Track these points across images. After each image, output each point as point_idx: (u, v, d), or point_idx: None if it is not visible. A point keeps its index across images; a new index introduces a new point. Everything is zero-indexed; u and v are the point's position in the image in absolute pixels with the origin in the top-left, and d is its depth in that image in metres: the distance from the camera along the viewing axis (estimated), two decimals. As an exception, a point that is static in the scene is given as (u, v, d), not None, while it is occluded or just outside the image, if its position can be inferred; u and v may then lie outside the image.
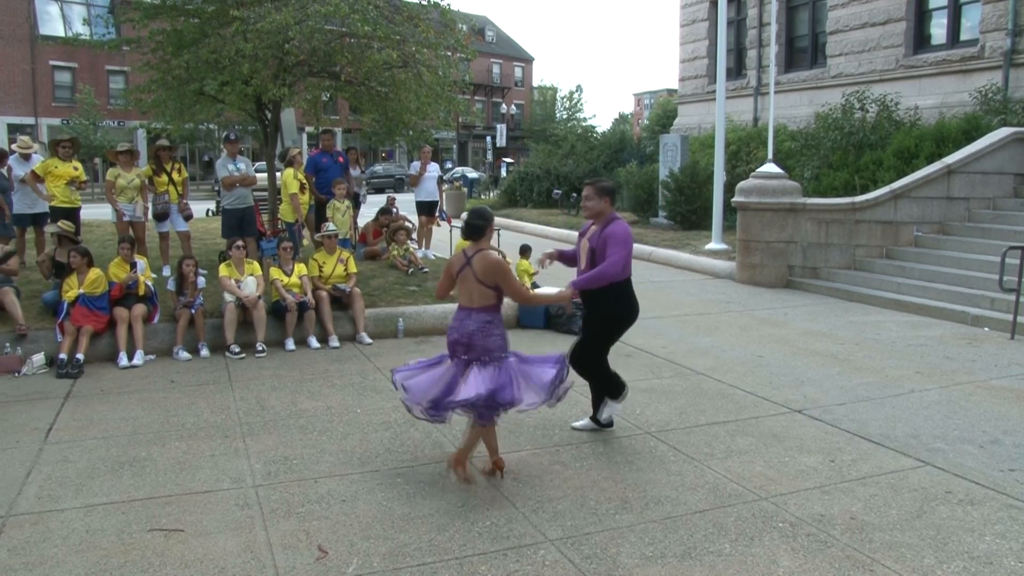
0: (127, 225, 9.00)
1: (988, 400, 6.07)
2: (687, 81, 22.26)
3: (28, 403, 5.99)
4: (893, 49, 15.89)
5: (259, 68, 8.90)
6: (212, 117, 13.08)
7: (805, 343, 7.96)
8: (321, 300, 7.96)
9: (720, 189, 13.48)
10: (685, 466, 4.75)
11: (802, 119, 16.44)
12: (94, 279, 7.21)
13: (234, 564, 3.57)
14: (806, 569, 3.54)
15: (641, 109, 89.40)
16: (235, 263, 7.85)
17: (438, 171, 12.67)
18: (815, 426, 5.49)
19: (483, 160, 53.28)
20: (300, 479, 4.54)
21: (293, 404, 5.96)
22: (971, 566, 3.57)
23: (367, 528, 3.92)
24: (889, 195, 11.03)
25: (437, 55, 10.45)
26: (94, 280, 7.21)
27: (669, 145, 16.90)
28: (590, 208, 5.11)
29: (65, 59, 39.29)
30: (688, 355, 7.47)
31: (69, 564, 3.56)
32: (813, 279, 11.14)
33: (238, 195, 9.49)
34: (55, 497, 4.28)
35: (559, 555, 3.66)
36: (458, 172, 37.46)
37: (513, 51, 64.36)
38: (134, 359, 7.02)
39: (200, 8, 9.94)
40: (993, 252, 9.47)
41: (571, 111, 62.00)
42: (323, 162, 10.81)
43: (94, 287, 7.18)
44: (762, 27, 19.01)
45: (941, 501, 4.26)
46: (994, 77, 13.76)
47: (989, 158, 11.15)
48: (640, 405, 5.93)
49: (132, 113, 14.40)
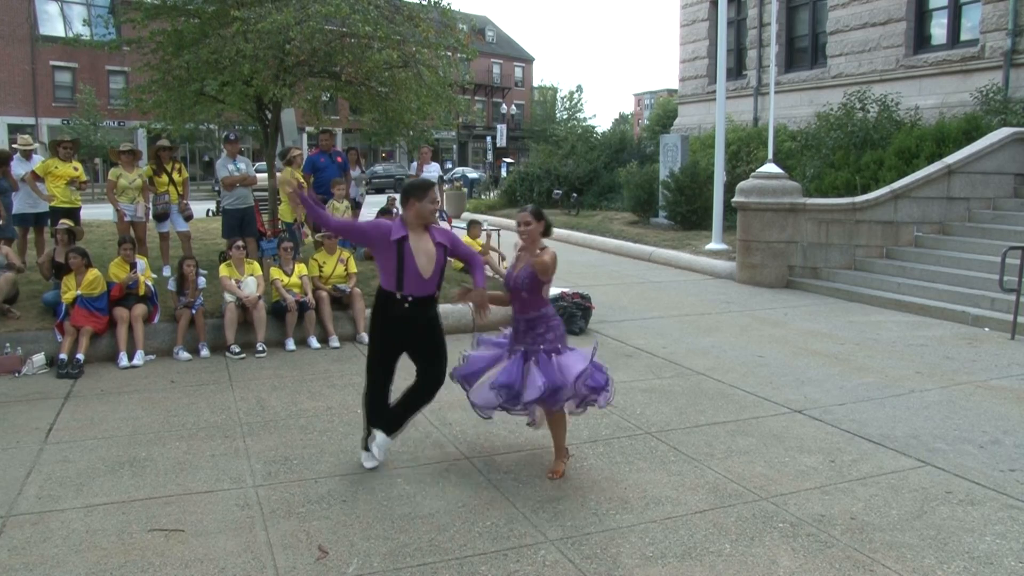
0: (128, 225, 9.00)
1: (988, 400, 6.07)
2: (687, 81, 22.26)
3: (28, 403, 5.99)
4: (893, 49, 15.89)
5: (259, 68, 8.90)
6: (212, 117, 13.09)
7: (805, 343, 7.96)
8: (321, 300, 7.96)
9: (720, 189, 13.48)
10: (685, 466, 4.75)
11: (802, 119, 16.43)
12: (92, 280, 7.19)
13: (234, 564, 3.57)
14: (806, 569, 3.54)
15: (641, 109, 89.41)
16: (235, 263, 7.85)
17: (438, 171, 12.65)
18: (815, 426, 5.49)
19: (483, 160, 53.28)
20: (300, 479, 4.54)
21: (293, 404, 5.96)
22: (971, 566, 3.57)
23: (367, 528, 3.92)
24: (889, 195, 11.03)
25: (437, 55, 10.45)
26: (92, 281, 7.19)
27: (669, 145, 16.90)
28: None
29: (65, 59, 39.27)
30: (688, 355, 7.47)
31: (69, 564, 3.56)
32: (813, 279, 11.14)
33: (238, 195, 9.49)
34: (55, 497, 4.28)
35: (559, 555, 3.66)
36: (458, 172, 37.45)
37: (513, 51, 64.36)
38: (134, 359, 7.01)
39: (200, 8, 9.94)
40: (993, 252, 9.47)
41: (571, 111, 61.98)
42: (321, 162, 10.80)
43: (92, 288, 7.16)
44: (762, 27, 19.01)
45: (941, 501, 4.26)
46: (994, 77, 13.75)
47: (989, 158, 11.15)
48: (640, 405, 5.93)
49: (132, 113, 14.38)
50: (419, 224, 4.47)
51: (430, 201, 4.49)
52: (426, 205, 4.46)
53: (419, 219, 4.46)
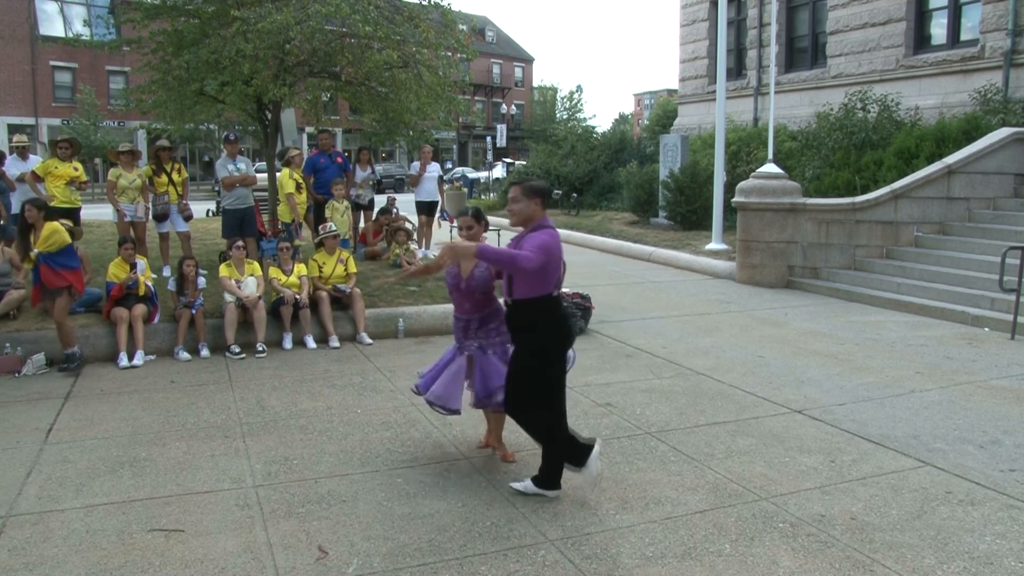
0: (128, 225, 9.01)
1: (988, 400, 6.07)
2: (687, 81, 22.26)
3: (28, 403, 5.99)
4: (893, 49, 15.89)
5: (259, 68, 8.90)
6: (212, 117, 13.10)
7: (805, 343, 7.96)
8: (321, 300, 7.96)
9: (720, 189, 13.48)
10: (685, 466, 4.75)
11: (802, 119, 16.44)
12: (48, 235, 6.55)
13: (234, 564, 3.57)
14: (806, 569, 3.54)
15: (641, 109, 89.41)
16: (235, 263, 7.85)
17: (439, 171, 12.64)
18: (815, 426, 5.49)
19: (483, 160, 53.28)
20: (300, 479, 4.54)
21: (293, 404, 5.96)
22: (971, 566, 3.57)
23: (367, 528, 3.92)
24: (889, 195, 11.03)
25: (437, 55, 10.45)
26: (49, 236, 6.55)
27: (669, 145, 16.89)
28: (517, 212, 4.23)
29: (65, 59, 39.29)
30: (688, 355, 7.47)
31: (69, 564, 3.56)
32: (813, 279, 11.14)
33: (238, 195, 9.50)
34: (55, 497, 4.28)
35: (559, 555, 3.66)
36: (458, 172, 37.43)
37: (513, 51, 64.36)
38: (134, 359, 7.02)
39: (200, 8, 9.94)
40: (993, 252, 9.47)
41: (571, 111, 61.97)
42: (321, 163, 10.80)
43: (49, 244, 6.57)
44: (762, 27, 19.01)
45: (941, 501, 4.26)
46: (994, 77, 13.75)
47: (989, 158, 11.15)
48: (640, 405, 5.93)
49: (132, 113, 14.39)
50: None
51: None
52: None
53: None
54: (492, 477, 4.56)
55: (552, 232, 4.15)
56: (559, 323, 4.22)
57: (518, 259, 3.93)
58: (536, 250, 3.95)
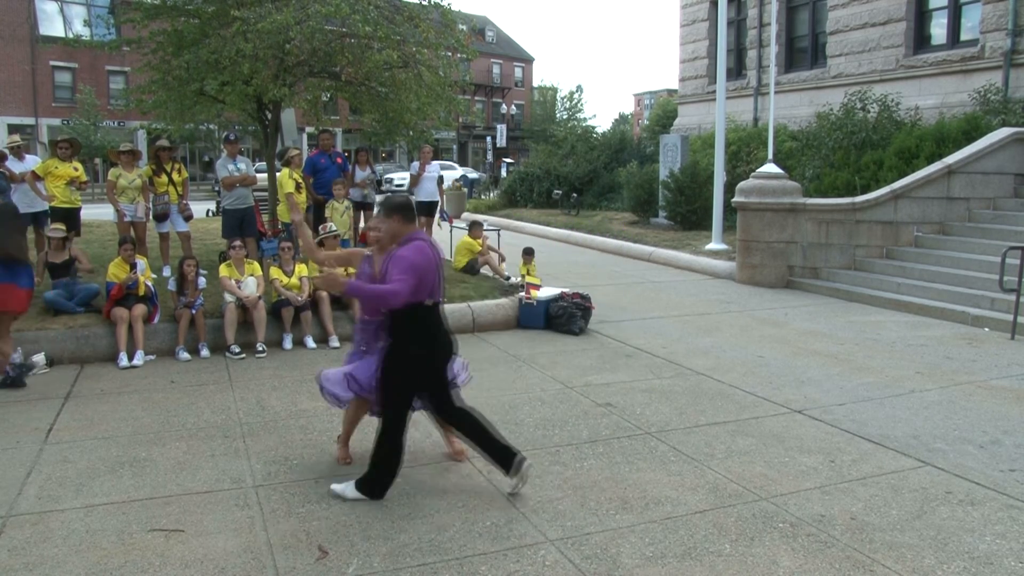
0: (128, 225, 9.00)
1: (988, 400, 6.07)
2: (687, 81, 22.26)
3: (28, 403, 5.99)
4: (893, 49, 15.89)
5: (259, 68, 8.90)
6: (212, 117, 13.08)
7: (805, 343, 7.96)
8: (321, 300, 7.96)
9: (720, 189, 13.48)
10: (685, 466, 4.75)
11: (802, 119, 16.44)
12: None
13: (234, 564, 3.57)
14: (806, 569, 3.54)
15: (641, 109, 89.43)
16: (235, 263, 7.85)
17: (438, 171, 12.63)
18: (815, 426, 5.49)
19: (483, 160, 53.27)
20: (300, 479, 4.54)
21: (293, 404, 5.96)
22: (971, 566, 3.57)
23: (367, 528, 3.92)
24: (889, 195, 11.03)
25: (437, 55, 10.45)
26: None
27: (669, 145, 16.90)
28: (384, 235, 4.30)
29: (65, 59, 39.27)
30: (688, 355, 7.47)
31: (69, 564, 3.56)
32: (813, 279, 11.14)
33: (238, 195, 9.49)
34: (55, 497, 4.28)
35: (559, 555, 3.66)
36: (458, 172, 37.43)
37: (513, 51, 64.35)
38: (134, 359, 7.01)
39: (200, 8, 9.95)
40: (993, 252, 9.47)
41: (571, 111, 61.95)
42: (321, 163, 10.78)
43: None
44: (762, 27, 19.01)
45: (941, 501, 4.26)
46: (994, 77, 13.76)
47: (989, 158, 11.15)
48: (640, 405, 5.93)
49: (133, 113, 14.39)
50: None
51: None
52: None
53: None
54: (492, 477, 4.55)
55: (417, 245, 4.09)
56: (432, 332, 4.20)
57: (387, 297, 4.00)
58: (404, 275, 3.94)
